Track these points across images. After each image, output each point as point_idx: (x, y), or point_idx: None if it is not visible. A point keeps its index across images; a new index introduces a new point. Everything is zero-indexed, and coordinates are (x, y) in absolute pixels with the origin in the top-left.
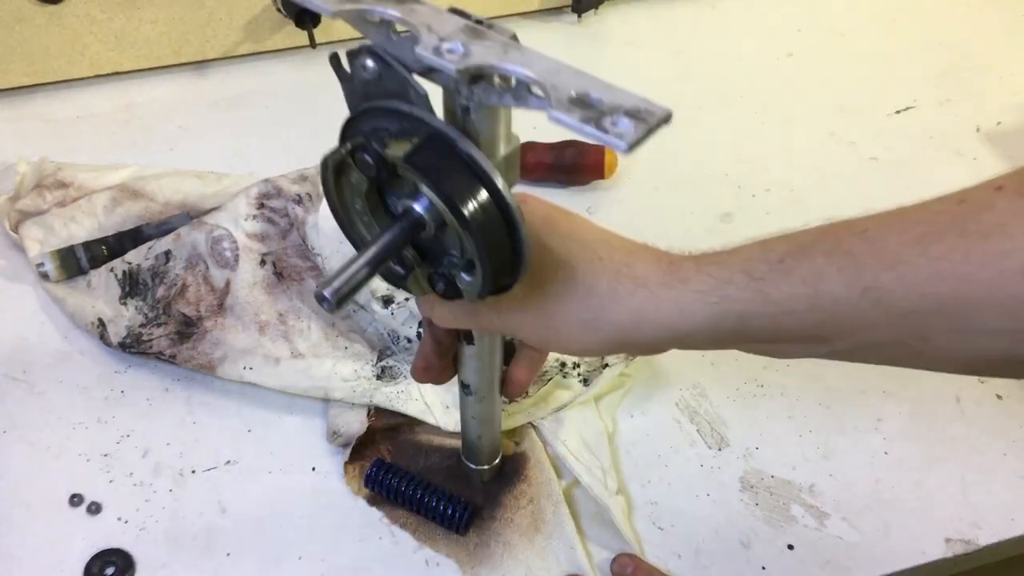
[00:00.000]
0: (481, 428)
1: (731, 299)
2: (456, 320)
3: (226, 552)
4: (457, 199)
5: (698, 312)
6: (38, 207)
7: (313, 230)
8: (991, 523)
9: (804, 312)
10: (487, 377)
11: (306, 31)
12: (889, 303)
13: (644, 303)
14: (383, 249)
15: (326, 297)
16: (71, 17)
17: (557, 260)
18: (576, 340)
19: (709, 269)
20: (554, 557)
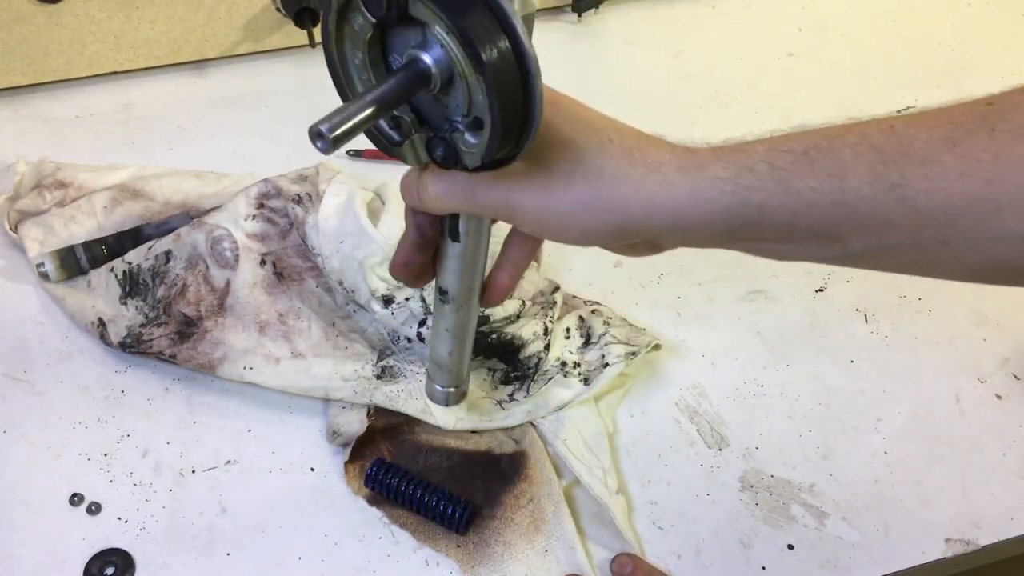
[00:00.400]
0: (453, 343)
1: (751, 188)
2: (448, 199)
3: (226, 552)
4: (474, 37)
5: (714, 200)
6: (38, 207)
7: (313, 230)
8: (991, 523)
9: (826, 207)
10: (467, 282)
11: (306, 30)
12: (914, 201)
13: (656, 188)
14: (387, 92)
15: (322, 132)
16: (70, 17)
17: (564, 139)
18: (578, 224)
19: (729, 157)
20: (554, 557)
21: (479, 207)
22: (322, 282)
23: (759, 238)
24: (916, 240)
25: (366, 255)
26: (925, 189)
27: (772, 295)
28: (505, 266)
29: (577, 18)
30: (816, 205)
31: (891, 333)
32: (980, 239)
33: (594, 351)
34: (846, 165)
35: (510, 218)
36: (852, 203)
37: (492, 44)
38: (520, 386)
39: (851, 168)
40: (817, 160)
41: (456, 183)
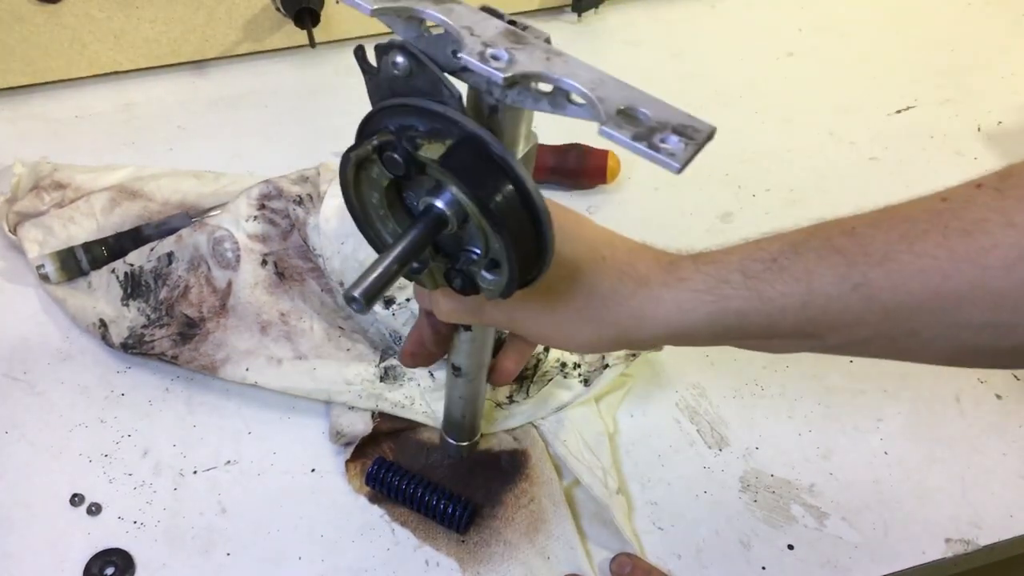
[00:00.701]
0: (466, 408)
1: (728, 297)
2: (460, 316)
3: (226, 552)
4: (492, 205)
5: (696, 310)
6: (36, 208)
7: (314, 231)
8: (991, 523)
9: (797, 309)
10: (478, 360)
11: (306, 30)
12: (878, 299)
13: (645, 302)
14: (410, 246)
15: (356, 298)
16: (70, 16)
17: (563, 260)
18: (578, 337)
19: (707, 269)
20: (554, 557)
21: (486, 322)
22: (323, 283)
23: (744, 337)
24: (887, 332)
25: (367, 256)
26: (887, 287)
27: None
28: (511, 355)
29: (577, 18)
30: (788, 308)
31: None
32: (945, 328)
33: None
34: (811, 269)
35: (515, 331)
36: (821, 304)
37: (508, 204)
38: (519, 387)
39: (816, 272)
40: (785, 267)
41: (464, 304)
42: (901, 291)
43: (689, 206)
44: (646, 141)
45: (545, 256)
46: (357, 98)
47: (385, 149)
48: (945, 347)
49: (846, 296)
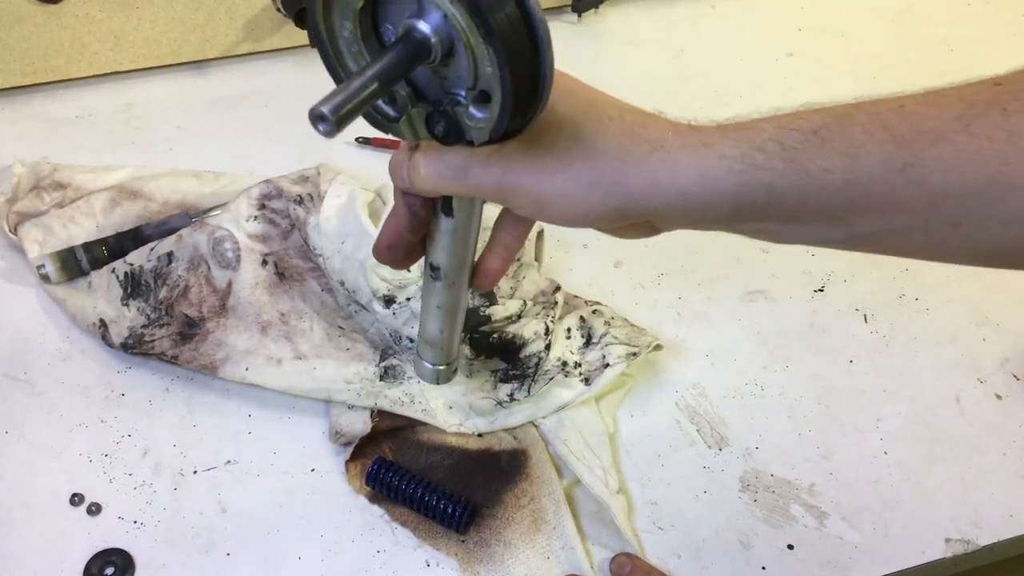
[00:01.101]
0: (445, 320)
1: (760, 168)
2: (441, 181)
3: (226, 552)
4: (483, 5)
5: (722, 180)
6: (36, 208)
7: (314, 231)
8: (991, 523)
9: (837, 187)
10: (459, 258)
11: (306, 31)
12: (928, 182)
13: (660, 165)
14: (387, 66)
15: (324, 114)
16: (70, 17)
17: (561, 118)
18: (576, 205)
19: (736, 135)
20: (554, 556)
21: (473, 189)
22: (324, 283)
23: (764, 219)
24: (927, 222)
25: (367, 255)
26: (938, 169)
27: (772, 295)
28: (496, 249)
29: (577, 18)
30: (827, 186)
31: (891, 333)
32: (993, 221)
33: (595, 351)
34: (858, 145)
35: (506, 200)
36: (864, 184)
37: (501, 10)
38: (520, 385)
39: (863, 148)
40: (828, 140)
41: (448, 164)
42: (953, 175)
43: None
44: None
45: (541, 88)
46: None
47: None
48: (984, 243)
49: (892, 177)
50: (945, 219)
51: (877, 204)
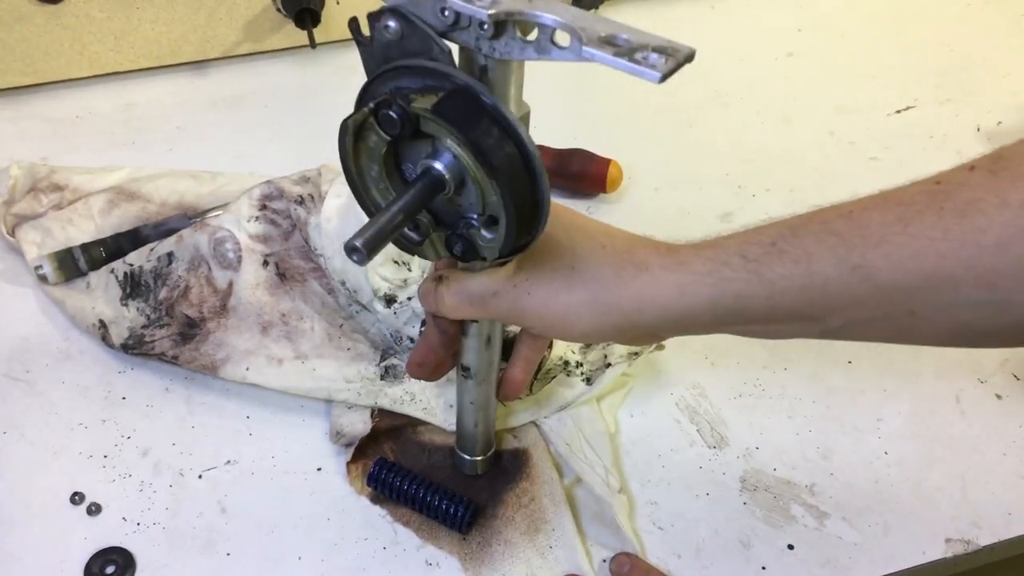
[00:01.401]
0: (478, 414)
1: (728, 280)
2: (465, 308)
3: (226, 552)
4: (484, 147)
5: (698, 293)
6: (34, 211)
7: (315, 231)
8: (991, 523)
9: (797, 291)
10: (487, 359)
11: (306, 31)
12: (876, 280)
13: (646, 286)
14: (409, 202)
15: (358, 247)
16: (70, 17)
17: (562, 248)
18: (580, 324)
19: (707, 253)
20: (555, 556)
21: (491, 314)
22: (325, 283)
23: (745, 321)
24: (886, 313)
25: None
26: (884, 267)
27: None
28: (518, 363)
29: None
30: (788, 290)
31: None
32: (943, 308)
33: (596, 351)
34: (811, 252)
35: (520, 321)
36: (820, 285)
37: (501, 150)
38: None
39: (816, 254)
40: (784, 250)
41: (469, 295)
42: (898, 271)
43: (689, 206)
44: (627, 57)
45: (540, 211)
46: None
47: (381, 108)
48: (944, 327)
49: (845, 277)
50: (902, 310)
51: (836, 302)
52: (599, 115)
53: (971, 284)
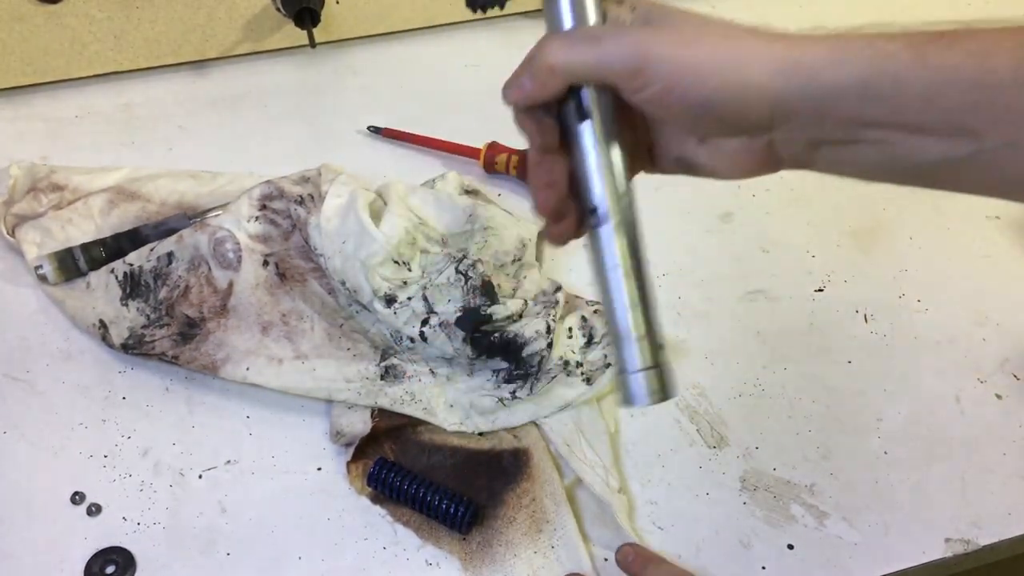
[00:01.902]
0: (628, 285)
1: (888, 56)
2: (574, 53)
3: (226, 552)
4: None
5: (851, 62)
6: (34, 211)
7: (315, 231)
8: (991, 523)
9: (965, 87)
10: (611, 182)
11: (306, 30)
12: None
13: (790, 48)
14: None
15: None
16: (70, 16)
17: (685, 15)
18: (707, 80)
19: (860, 35)
20: (556, 556)
21: (607, 59)
22: (325, 283)
23: (890, 123)
24: None
25: (368, 255)
26: None
27: (772, 295)
28: None
29: None
30: (955, 84)
31: (891, 333)
32: None
33: (596, 351)
34: (987, 48)
35: (639, 71)
36: (993, 87)
37: None
38: (523, 384)
39: (992, 52)
40: (955, 41)
41: (580, 37)
42: None
43: (689, 206)
44: None
45: None
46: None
47: None
48: None
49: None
50: None
51: (1006, 112)
52: None
53: None
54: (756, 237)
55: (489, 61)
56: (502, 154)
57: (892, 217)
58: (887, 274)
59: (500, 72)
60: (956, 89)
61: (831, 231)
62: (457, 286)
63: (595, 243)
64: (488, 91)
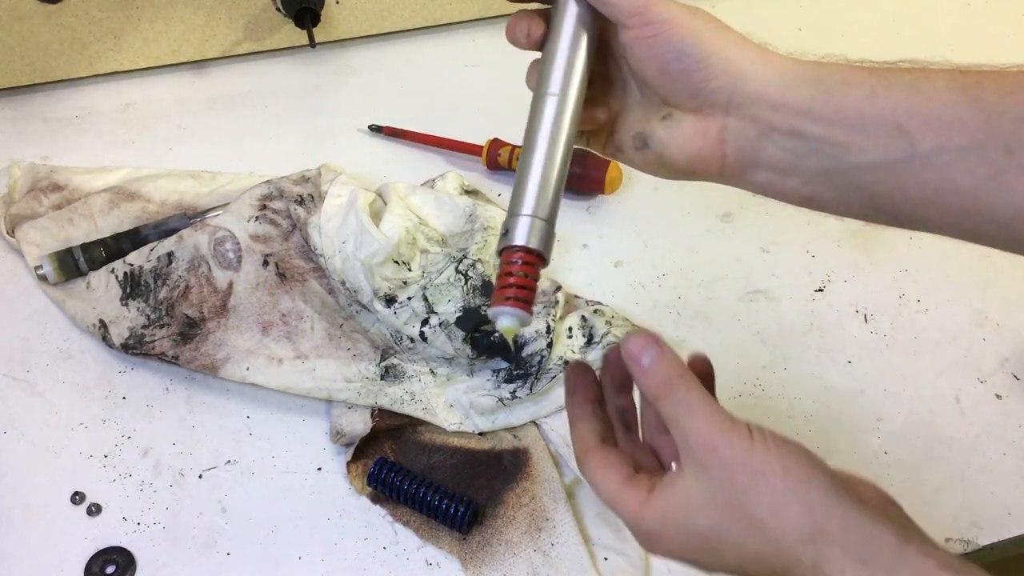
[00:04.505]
0: (550, 146)
1: (843, 66)
2: None
3: (226, 552)
4: None
5: (810, 65)
6: (34, 211)
7: (315, 230)
8: (991, 523)
9: (903, 88)
10: (568, 63)
11: (306, 30)
12: (985, 103)
13: (766, 52)
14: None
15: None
16: (70, 16)
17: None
18: (702, 36)
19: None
20: (557, 554)
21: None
22: (325, 283)
23: (835, 121)
24: (982, 146)
25: (368, 255)
26: (996, 92)
27: (772, 295)
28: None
29: None
30: (895, 85)
31: (891, 333)
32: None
33: (596, 351)
34: (926, 71)
35: (641, 11)
36: (927, 91)
37: None
38: (523, 384)
39: (929, 74)
40: (897, 67)
41: None
42: (1010, 100)
43: (689, 206)
44: None
45: None
46: (357, 98)
47: None
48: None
49: (955, 93)
50: (1000, 144)
51: (937, 115)
52: None
53: None
54: (756, 237)
55: (489, 61)
56: (505, 147)
57: None
58: (887, 274)
59: (500, 72)
60: (894, 95)
61: (831, 231)
62: (457, 286)
63: (538, 107)
64: (488, 90)
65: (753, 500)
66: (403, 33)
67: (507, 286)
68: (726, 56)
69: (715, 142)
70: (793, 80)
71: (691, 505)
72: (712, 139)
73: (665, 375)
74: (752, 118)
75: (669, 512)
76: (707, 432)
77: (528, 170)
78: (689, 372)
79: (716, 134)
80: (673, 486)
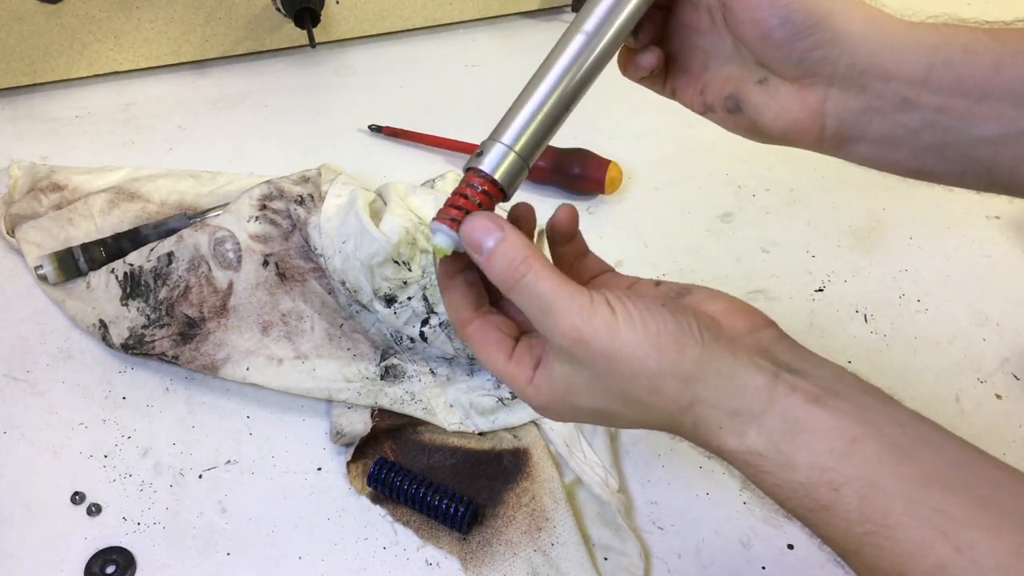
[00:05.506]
0: (565, 83)
1: (958, 30)
2: None
3: (226, 552)
4: None
5: (925, 29)
6: (34, 211)
7: (315, 231)
8: None
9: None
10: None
11: (306, 30)
12: None
13: (874, 13)
14: None
15: None
16: (70, 16)
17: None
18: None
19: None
20: (557, 554)
21: None
22: (325, 283)
23: (956, 90)
24: None
25: (368, 255)
26: None
27: (772, 295)
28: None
29: None
30: (1021, 53)
31: (891, 333)
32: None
33: None
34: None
35: None
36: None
37: None
38: None
39: None
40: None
41: None
42: None
43: (689, 206)
44: None
45: None
46: (357, 98)
47: None
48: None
49: None
50: None
51: None
52: (599, 115)
53: None
54: (756, 237)
55: (489, 61)
56: None
57: (892, 217)
58: (887, 274)
59: (500, 72)
60: (1020, 64)
61: (831, 231)
62: None
63: (564, 40)
64: (488, 90)
65: (631, 386)
66: (403, 33)
67: (456, 207)
68: (834, 23)
69: (815, 114)
70: (907, 48)
71: (573, 389)
72: (812, 110)
73: (509, 261)
74: (859, 89)
75: (555, 393)
76: (570, 325)
77: (525, 101)
78: (536, 252)
79: (816, 105)
80: (552, 370)
